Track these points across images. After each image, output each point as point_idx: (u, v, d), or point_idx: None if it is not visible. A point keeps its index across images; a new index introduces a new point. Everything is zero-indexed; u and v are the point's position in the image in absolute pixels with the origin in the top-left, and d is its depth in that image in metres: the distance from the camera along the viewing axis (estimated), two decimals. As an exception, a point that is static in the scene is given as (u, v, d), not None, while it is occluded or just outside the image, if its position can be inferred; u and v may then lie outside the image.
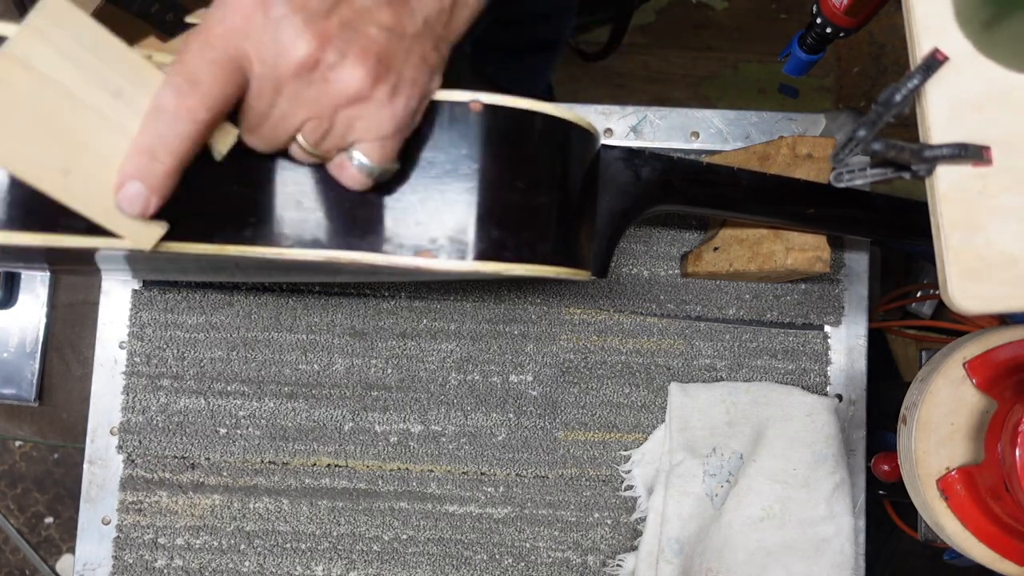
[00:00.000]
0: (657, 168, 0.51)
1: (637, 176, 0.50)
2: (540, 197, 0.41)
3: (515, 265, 0.40)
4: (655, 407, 0.65)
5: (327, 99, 0.35)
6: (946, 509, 0.48)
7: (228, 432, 0.64)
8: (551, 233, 0.42)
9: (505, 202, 0.40)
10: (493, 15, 0.45)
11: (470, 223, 0.39)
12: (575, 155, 0.44)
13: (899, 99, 0.38)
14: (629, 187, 0.50)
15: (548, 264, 0.42)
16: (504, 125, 0.40)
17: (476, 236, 0.39)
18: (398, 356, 0.65)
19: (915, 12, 0.39)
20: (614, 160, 0.49)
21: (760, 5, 1.45)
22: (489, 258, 0.40)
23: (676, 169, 0.52)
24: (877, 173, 0.40)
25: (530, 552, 0.64)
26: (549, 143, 0.42)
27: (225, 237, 0.39)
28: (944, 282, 0.39)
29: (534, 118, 0.41)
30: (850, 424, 0.65)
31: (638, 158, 0.50)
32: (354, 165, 0.37)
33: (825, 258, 0.57)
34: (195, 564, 0.63)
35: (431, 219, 0.39)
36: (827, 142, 0.58)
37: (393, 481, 0.64)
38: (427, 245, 0.39)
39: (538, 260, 0.42)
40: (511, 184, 0.40)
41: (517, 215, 0.41)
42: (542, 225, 0.42)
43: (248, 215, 0.39)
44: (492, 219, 0.40)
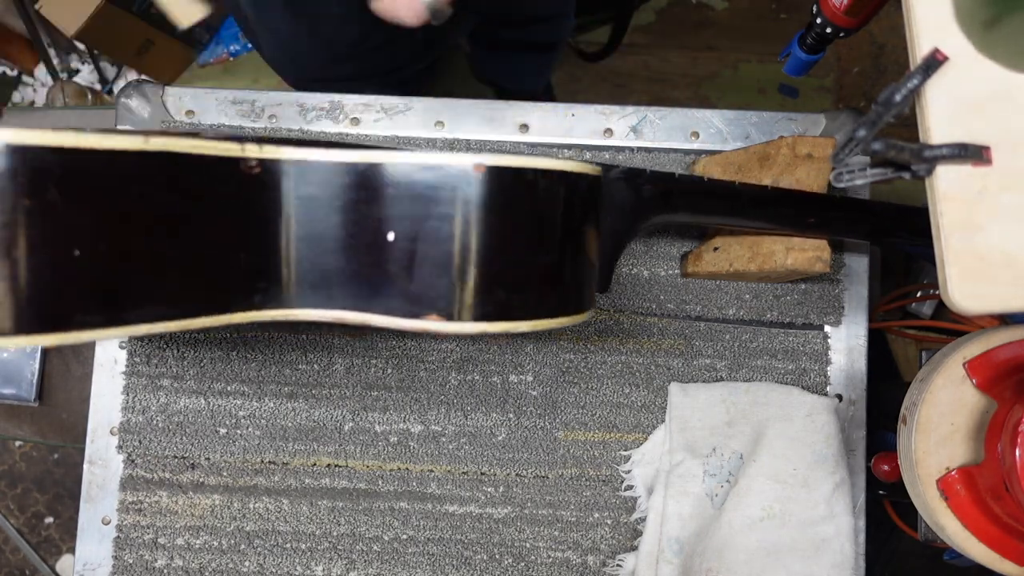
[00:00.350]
0: (658, 186, 0.51)
1: (638, 195, 0.51)
2: (545, 255, 0.41)
3: (521, 323, 0.41)
4: (655, 407, 0.65)
5: None
6: (946, 509, 0.48)
7: (228, 432, 0.64)
8: (557, 287, 0.42)
9: (510, 263, 0.40)
10: (493, 15, 0.45)
11: (477, 286, 0.39)
12: (579, 202, 0.43)
13: (899, 99, 0.38)
14: (630, 207, 0.50)
15: (554, 317, 0.42)
16: (507, 185, 0.40)
17: (483, 299, 0.39)
18: (398, 356, 0.65)
19: (915, 12, 0.39)
20: (615, 181, 0.49)
21: (760, 5, 1.45)
22: (495, 319, 0.40)
23: (677, 186, 0.52)
24: (877, 173, 0.40)
25: (530, 552, 0.64)
26: (552, 197, 0.41)
27: (236, 306, 0.39)
28: (944, 282, 0.39)
29: (536, 175, 0.40)
30: (850, 424, 0.65)
31: (639, 178, 0.50)
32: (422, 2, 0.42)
33: (825, 258, 0.57)
34: (195, 564, 0.63)
35: (437, 283, 0.39)
36: (827, 142, 0.58)
37: (393, 481, 0.64)
38: (434, 309, 0.39)
39: (544, 315, 0.42)
40: (516, 244, 0.40)
41: (523, 275, 0.41)
42: (548, 281, 0.42)
43: (257, 281, 0.40)
44: (498, 281, 0.40)
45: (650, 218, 0.52)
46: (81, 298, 0.34)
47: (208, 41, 1.57)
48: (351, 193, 0.40)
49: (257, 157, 0.39)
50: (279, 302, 0.40)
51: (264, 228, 0.39)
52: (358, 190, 0.40)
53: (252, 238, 0.39)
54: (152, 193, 0.35)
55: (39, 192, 0.32)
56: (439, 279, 0.39)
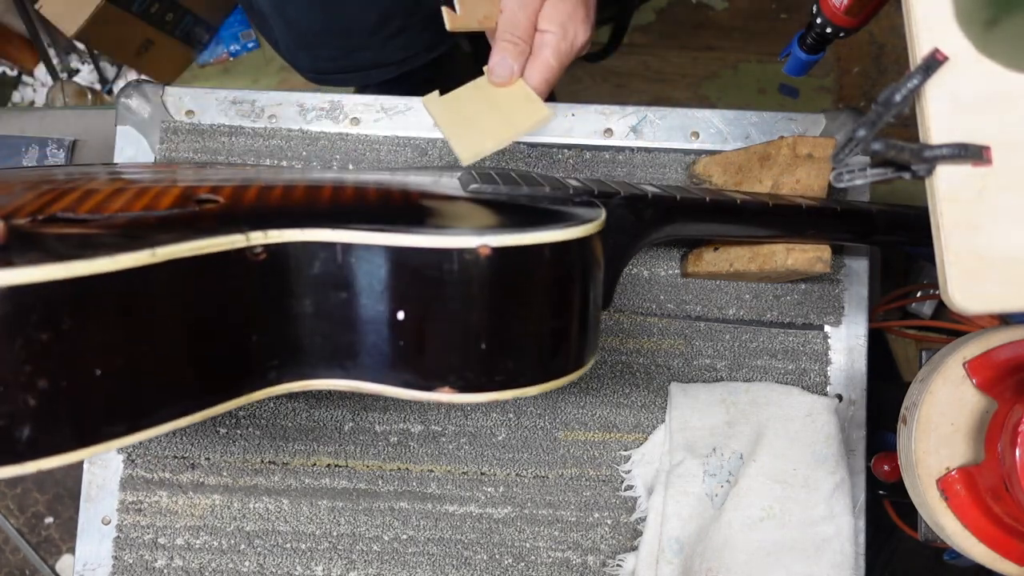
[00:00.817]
0: (660, 209, 0.52)
1: (640, 219, 0.51)
2: (554, 322, 0.41)
3: (530, 388, 0.41)
4: (655, 407, 0.65)
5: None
6: (946, 509, 0.48)
7: (228, 432, 0.64)
8: (565, 349, 0.42)
9: (519, 334, 0.40)
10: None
11: (486, 359, 0.40)
12: (588, 262, 0.43)
13: (899, 99, 0.38)
14: (633, 230, 0.51)
15: (562, 377, 0.42)
16: (514, 264, 0.40)
17: (492, 370, 0.40)
18: (398, 356, 0.65)
19: (915, 12, 0.39)
20: (616, 207, 0.49)
21: (760, 5, 1.45)
22: (506, 388, 0.40)
23: (679, 209, 0.53)
24: (877, 173, 0.40)
25: (530, 552, 0.64)
26: (561, 266, 0.41)
27: (252, 387, 0.39)
28: (944, 282, 0.39)
29: (543, 250, 0.40)
30: (850, 424, 0.65)
31: (640, 203, 0.51)
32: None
33: (825, 258, 0.57)
34: (195, 564, 0.63)
35: (449, 357, 0.39)
36: (827, 142, 0.58)
37: (393, 481, 0.64)
38: (446, 382, 0.39)
39: (553, 377, 0.42)
40: (524, 316, 0.40)
41: (532, 344, 0.41)
42: (557, 346, 0.42)
43: (271, 359, 0.40)
44: (507, 352, 0.40)
45: (651, 236, 0.52)
46: (105, 413, 0.34)
47: (208, 41, 1.57)
48: (357, 272, 0.40)
49: (262, 244, 0.39)
50: (294, 375, 0.41)
51: (274, 309, 0.39)
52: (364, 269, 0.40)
53: (263, 320, 0.39)
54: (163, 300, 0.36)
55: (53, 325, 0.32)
56: (450, 354, 0.39)
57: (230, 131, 0.66)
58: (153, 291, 0.35)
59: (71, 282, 0.32)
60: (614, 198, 0.49)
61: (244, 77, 1.56)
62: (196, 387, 0.37)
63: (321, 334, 0.40)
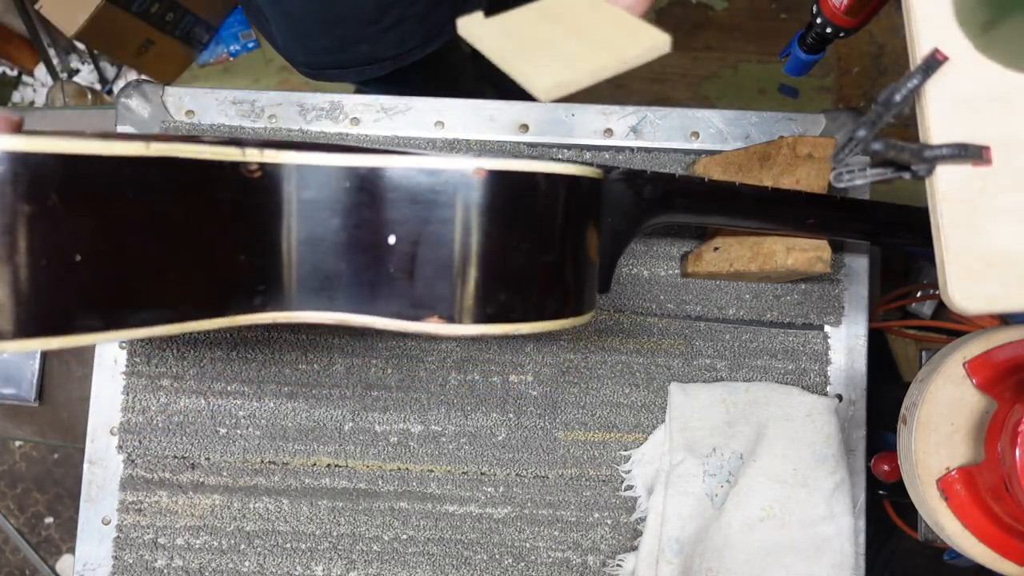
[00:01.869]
0: (659, 187, 0.51)
1: (639, 196, 0.51)
2: (546, 256, 0.41)
3: (522, 325, 0.41)
4: (655, 407, 0.65)
5: None
6: (946, 509, 0.48)
7: (228, 432, 0.64)
8: (558, 289, 0.42)
9: (512, 265, 0.40)
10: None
11: (477, 289, 0.39)
12: (580, 205, 0.43)
13: (899, 99, 0.38)
14: (630, 207, 0.50)
15: (555, 319, 0.42)
16: (507, 188, 0.40)
17: (484, 301, 0.39)
18: (398, 356, 0.65)
19: (915, 12, 0.39)
20: (615, 183, 0.49)
21: (760, 5, 1.45)
22: (497, 321, 0.40)
23: (677, 187, 0.52)
24: (877, 173, 0.40)
25: (530, 552, 0.64)
26: (553, 200, 0.41)
27: (236, 309, 0.39)
28: (944, 282, 0.39)
29: (537, 178, 0.40)
30: (850, 424, 0.65)
31: (639, 178, 0.50)
32: None
33: (825, 258, 0.57)
34: (195, 564, 0.63)
35: (438, 285, 0.39)
36: (827, 142, 0.58)
37: (393, 481, 0.64)
38: (435, 311, 0.39)
39: (546, 317, 0.42)
40: (517, 247, 0.40)
41: (524, 277, 0.41)
42: (549, 284, 0.42)
43: (257, 283, 0.40)
44: (499, 283, 0.40)
45: (651, 219, 0.52)
46: (81, 302, 0.34)
47: (208, 41, 1.57)
48: (352, 197, 0.40)
49: (258, 161, 0.39)
50: (280, 304, 0.40)
51: (265, 231, 0.39)
52: (358, 194, 0.40)
53: (252, 241, 0.39)
54: (153, 198, 0.36)
55: (40, 198, 0.32)
56: (440, 282, 0.39)
57: (230, 131, 0.66)
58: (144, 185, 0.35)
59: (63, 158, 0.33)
60: (613, 171, 0.49)
61: (244, 77, 1.56)
62: (178, 295, 0.37)
63: (311, 262, 0.40)
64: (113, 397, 0.64)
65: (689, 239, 0.66)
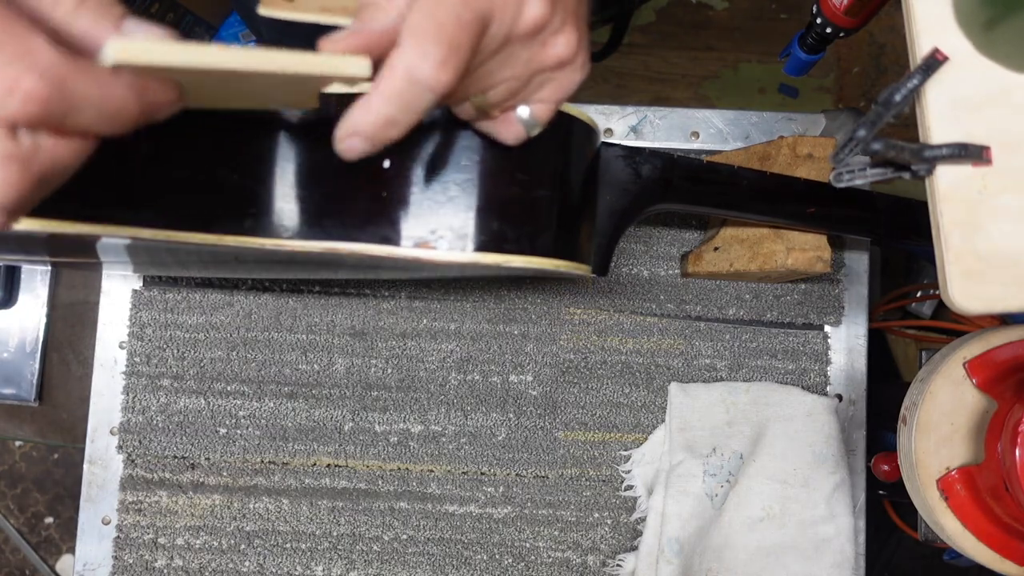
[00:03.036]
0: (657, 166, 0.51)
1: (637, 174, 0.50)
2: (540, 191, 0.41)
3: (515, 257, 0.40)
4: (655, 407, 0.65)
5: (537, 62, 0.34)
6: (946, 509, 0.48)
7: (228, 432, 0.64)
8: (551, 227, 0.42)
9: (506, 195, 0.40)
10: None
11: (471, 215, 0.39)
12: (576, 149, 0.44)
13: (899, 99, 0.38)
14: (629, 185, 0.50)
15: (548, 257, 0.42)
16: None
17: (476, 228, 0.39)
18: (398, 356, 0.65)
19: (915, 12, 0.39)
20: (614, 158, 0.49)
21: (760, 5, 1.45)
22: (489, 250, 0.40)
23: (676, 167, 0.52)
24: (877, 173, 0.40)
25: (530, 552, 0.64)
26: (550, 137, 0.41)
27: (224, 228, 0.39)
28: (944, 282, 0.39)
29: None
30: (850, 424, 0.65)
31: (638, 156, 0.50)
32: (521, 121, 0.37)
33: (826, 258, 0.57)
34: (195, 564, 0.63)
35: (432, 211, 0.39)
36: (827, 142, 0.58)
37: (393, 481, 0.64)
38: (427, 237, 0.39)
39: (538, 252, 0.41)
40: (512, 177, 0.40)
41: (518, 208, 0.41)
42: (542, 218, 0.42)
43: (248, 206, 0.39)
44: (492, 211, 0.40)
45: (649, 203, 0.52)
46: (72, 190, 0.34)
47: (208, 41, 1.57)
48: None
49: None
50: (270, 231, 0.40)
51: (258, 154, 0.39)
52: None
53: (245, 162, 0.39)
54: None
55: None
56: (434, 207, 0.39)
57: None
58: None
59: None
60: (612, 148, 0.49)
61: (244, 77, 1.55)
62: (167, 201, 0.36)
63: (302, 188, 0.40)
64: (113, 397, 0.64)
65: (689, 239, 0.66)
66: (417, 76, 0.30)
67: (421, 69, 0.30)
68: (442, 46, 0.29)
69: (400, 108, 0.31)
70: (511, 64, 0.33)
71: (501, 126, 0.37)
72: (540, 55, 0.34)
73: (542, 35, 0.33)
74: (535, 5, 0.32)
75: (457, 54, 0.30)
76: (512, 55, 0.33)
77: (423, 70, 0.30)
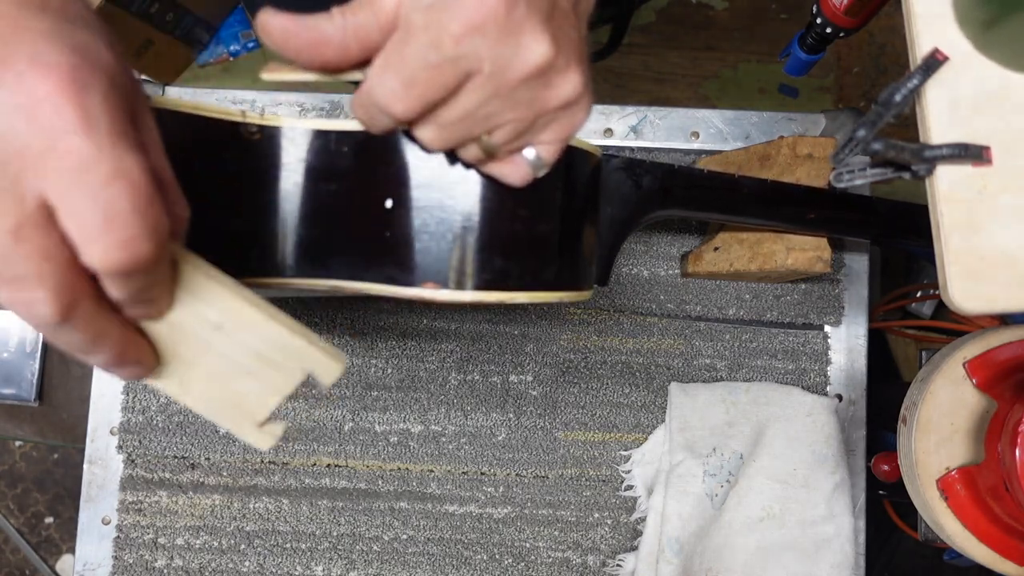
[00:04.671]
0: (658, 176, 0.51)
1: (638, 185, 0.50)
2: (543, 225, 0.41)
3: (518, 294, 0.40)
4: (655, 407, 0.65)
5: (540, 103, 0.33)
6: (946, 509, 0.48)
7: (228, 432, 0.64)
8: (554, 260, 0.42)
9: (508, 232, 0.40)
10: None
11: (473, 253, 0.39)
12: (577, 179, 0.43)
13: (899, 99, 0.38)
14: (630, 197, 0.50)
15: (551, 290, 0.42)
16: None
17: (479, 266, 0.39)
18: (398, 356, 0.65)
19: (915, 12, 0.39)
20: (615, 171, 0.49)
21: (760, 5, 1.45)
22: (493, 288, 0.40)
23: (676, 177, 0.52)
24: (877, 173, 0.40)
25: (530, 552, 0.64)
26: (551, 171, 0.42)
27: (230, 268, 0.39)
28: (944, 282, 0.39)
29: None
30: (850, 424, 0.65)
31: (639, 168, 0.50)
32: (528, 162, 0.36)
33: (825, 258, 0.57)
34: (195, 564, 0.63)
35: (434, 250, 0.39)
36: (827, 142, 0.58)
37: (393, 481, 0.64)
38: (431, 276, 0.39)
39: (541, 287, 0.42)
40: (514, 213, 0.40)
41: (520, 244, 0.40)
42: (545, 253, 0.42)
43: (253, 245, 0.40)
44: (495, 249, 0.39)
45: (650, 211, 0.52)
46: None
47: (208, 41, 1.57)
48: (349, 161, 0.40)
49: (257, 123, 0.40)
50: (274, 270, 0.40)
51: (261, 195, 0.39)
52: (356, 158, 0.40)
53: (249, 204, 0.39)
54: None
55: None
56: (437, 246, 0.39)
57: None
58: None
59: None
60: (613, 160, 0.49)
61: (244, 77, 1.55)
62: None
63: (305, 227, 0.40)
64: (113, 397, 0.64)
65: (689, 239, 0.66)
66: (374, 98, 0.31)
67: (378, 93, 0.31)
68: (399, 80, 0.30)
69: (364, 116, 0.33)
70: (514, 106, 0.33)
71: (508, 168, 0.37)
72: (544, 96, 0.33)
73: (545, 77, 0.32)
74: (536, 49, 0.31)
75: (413, 90, 0.31)
76: (514, 97, 0.33)
77: (379, 95, 0.31)
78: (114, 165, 0.24)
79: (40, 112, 0.24)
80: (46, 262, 0.25)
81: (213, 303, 0.32)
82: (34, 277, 0.25)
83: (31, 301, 0.25)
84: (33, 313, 0.25)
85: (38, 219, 0.24)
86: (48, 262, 0.25)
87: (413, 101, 0.31)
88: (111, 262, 0.25)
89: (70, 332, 0.27)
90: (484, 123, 0.34)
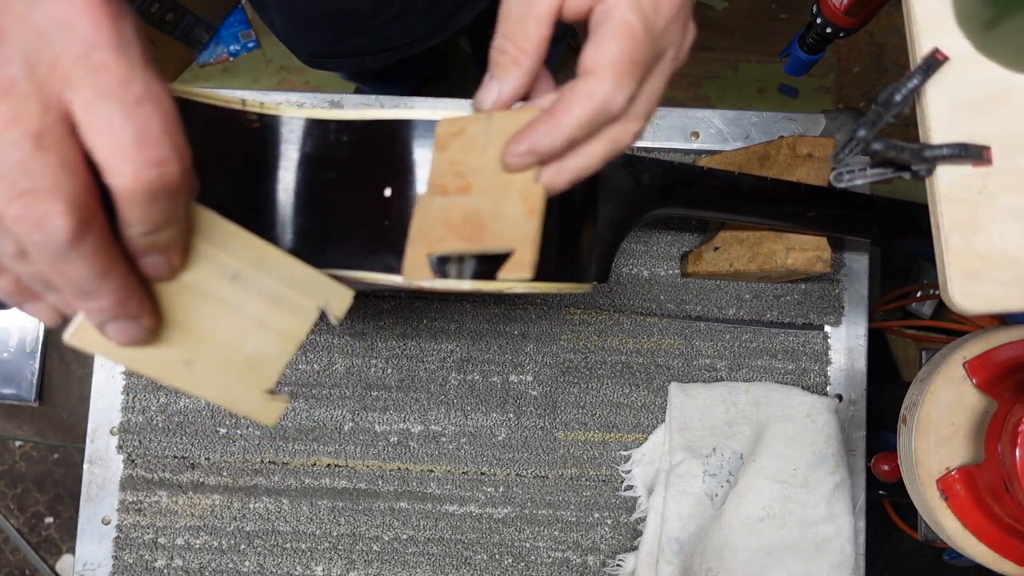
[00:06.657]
0: (657, 173, 0.51)
1: (638, 182, 0.50)
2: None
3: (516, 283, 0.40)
4: (655, 407, 0.65)
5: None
6: (946, 509, 0.48)
7: (228, 432, 0.64)
8: (552, 251, 0.42)
9: None
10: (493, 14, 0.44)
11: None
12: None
13: (899, 99, 0.38)
14: (630, 194, 0.50)
15: (549, 281, 0.42)
16: None
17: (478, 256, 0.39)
18: (398, 356, 0.65)
19: (915, 12, 0.39)
20: (614, 168, 0.49)
21: (760, 5, 1.45)
22: (491, 278, 0.40)
23: (676, 174, 0.52)
24: (877, 173, 0.40)
25: (530, 552, 0.64)
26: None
27: None
28: (944, 282, 0.39)
29: None
30: (850, 424, 0.65)
31: (638, 164, 0.50)
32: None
33: (825, 258, 0.57)
34: (195, 564, 0.63)
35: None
36: (827, 142, 0.58)
37: (393, 481, 0.64)
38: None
39: (540, 278, 0.41)
40: None
41: None
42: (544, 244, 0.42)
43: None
44: None
45: (650, 208, 0.52)
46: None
47: (208, 41, 1.57)
48: (348, 151, 0.40)
49: (257, 112, 0.40)
50: None
51: (260, 185, 0.39)
52: (355, 147, 0.40)
53: (247, 193, 0.39)
54: None
55: None
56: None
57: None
58: None
59: None
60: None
61: (244, 77, 1.56)
62: None
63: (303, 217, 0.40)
64: (113, 397, 0.64)
65: (689, 239, 0.66)
66: (612, 108, 0.32)
67: (616, 101, 0.32)
68: (635, 81, 0.32)
69: (587, 134, 0.33)
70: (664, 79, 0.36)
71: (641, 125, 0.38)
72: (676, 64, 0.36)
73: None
74: (693, 28, 0.36)
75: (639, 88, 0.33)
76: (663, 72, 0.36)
77: (618, 102, 0.32)
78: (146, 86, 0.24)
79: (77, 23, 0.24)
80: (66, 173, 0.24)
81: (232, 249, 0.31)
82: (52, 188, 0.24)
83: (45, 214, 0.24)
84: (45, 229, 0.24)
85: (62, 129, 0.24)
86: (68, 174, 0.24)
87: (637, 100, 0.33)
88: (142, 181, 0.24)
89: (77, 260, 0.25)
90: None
